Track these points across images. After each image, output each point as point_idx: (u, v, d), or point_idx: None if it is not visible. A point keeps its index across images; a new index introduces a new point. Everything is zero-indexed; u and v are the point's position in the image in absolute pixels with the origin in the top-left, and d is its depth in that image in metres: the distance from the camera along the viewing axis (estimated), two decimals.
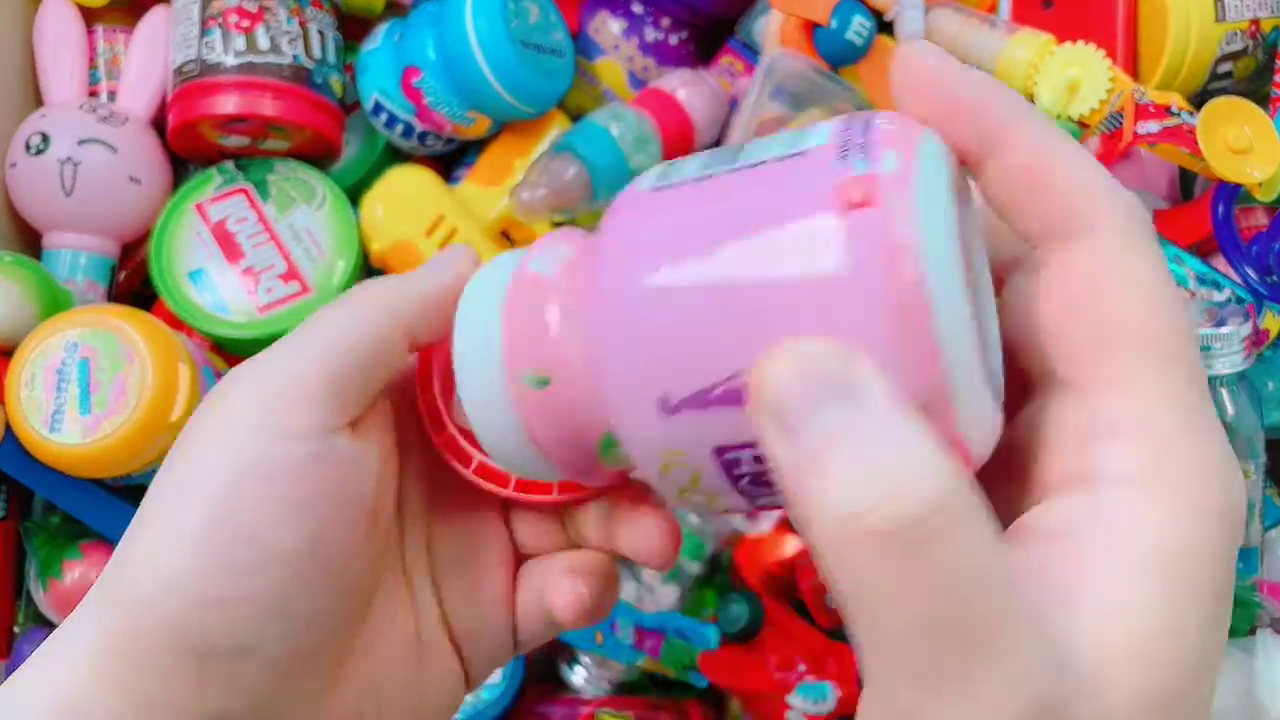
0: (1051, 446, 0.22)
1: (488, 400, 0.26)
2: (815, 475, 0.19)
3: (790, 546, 0.61)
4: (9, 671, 0.60)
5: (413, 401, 0.30)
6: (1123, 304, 0.21)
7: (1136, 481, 0.20)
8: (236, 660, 0.25)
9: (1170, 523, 0.20)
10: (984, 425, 0.21)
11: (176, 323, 0.61)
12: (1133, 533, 0.20)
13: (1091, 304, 0.21)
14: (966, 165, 0.22)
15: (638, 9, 0.67)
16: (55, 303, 0.58)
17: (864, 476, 0.18)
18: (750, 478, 0.23)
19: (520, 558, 0.32)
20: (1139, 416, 0.20)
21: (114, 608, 0.26)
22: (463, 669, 0.31)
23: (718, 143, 0.65)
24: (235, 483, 0.25)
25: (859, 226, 0.19)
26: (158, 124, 0.65)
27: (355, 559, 0.27)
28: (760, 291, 0.20)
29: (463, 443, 0.29)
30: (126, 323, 0.55)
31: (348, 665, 0.28)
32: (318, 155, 0.65)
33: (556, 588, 0.30)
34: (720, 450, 0.22)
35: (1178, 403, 0.20)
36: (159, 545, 0.25)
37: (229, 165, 0.63)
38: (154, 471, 0.27)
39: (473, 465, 0.29)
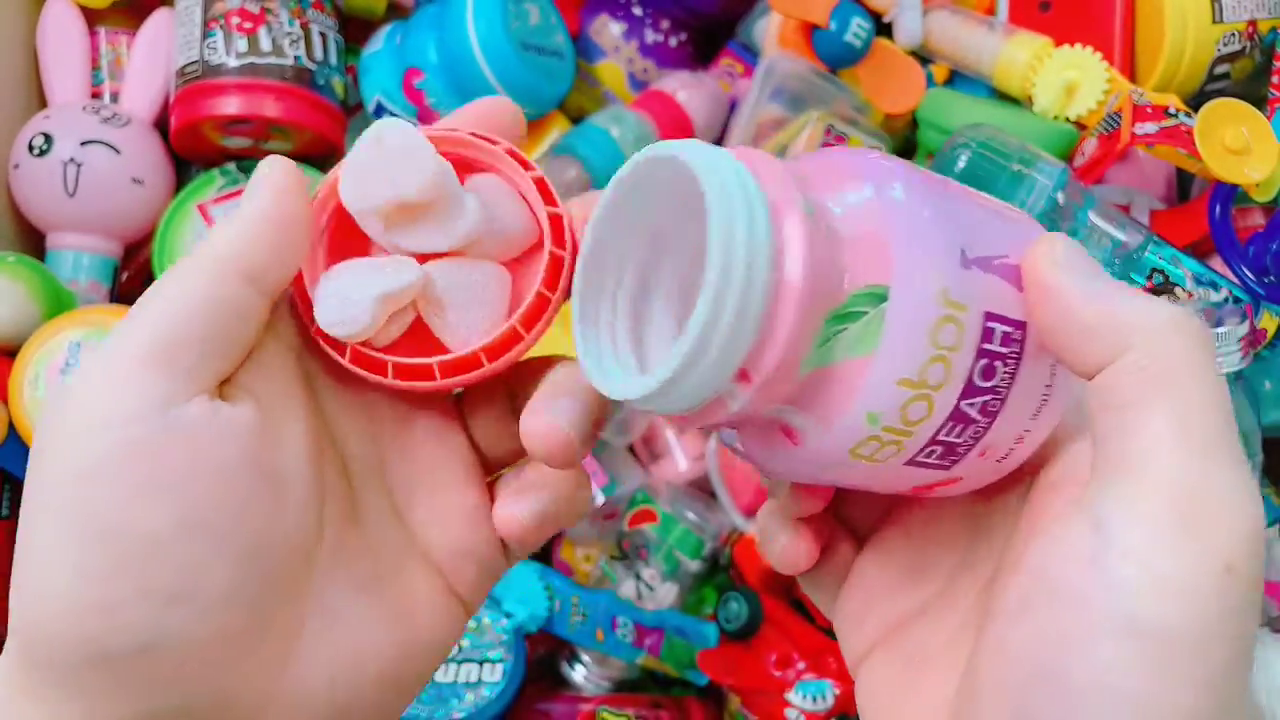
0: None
1: (745, 239, 0.23)
2: (1119, 298, 0.24)
3: None
4: None
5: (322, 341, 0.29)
6: (1147, 434, 0.24)
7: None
8: (144, 658, 0.24)
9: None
10: None
11: None
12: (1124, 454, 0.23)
13: (1120, 435, 0.24)
14: None
15: (638, 11, 0.67)
16: (58, 303, 0.58)
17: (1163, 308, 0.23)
18: (986, 363, 0.25)
19: (491, 466, 0.31)
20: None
21: (16, 635, 0.25)
22: (454, 595, 0.30)
23: (718, 144, 0.65)
24: (85, 478, 0.24)
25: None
26: (160, 125, 0.65)
27: (257, 524, 0.25)
28: (998, 207, 0.26)
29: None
30: None
31: (302, 633, 0.27)
32: (320, 156, 0.65)
33: (500, 509, 0.30)
34: (989, 316, 0.25)
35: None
36: (35, 564, 0.24)
37: (231, 166, 0.64)
38: None
39: (346, 354, 0.28)
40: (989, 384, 0.25)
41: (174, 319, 0.25)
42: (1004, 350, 0.25)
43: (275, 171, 0.27)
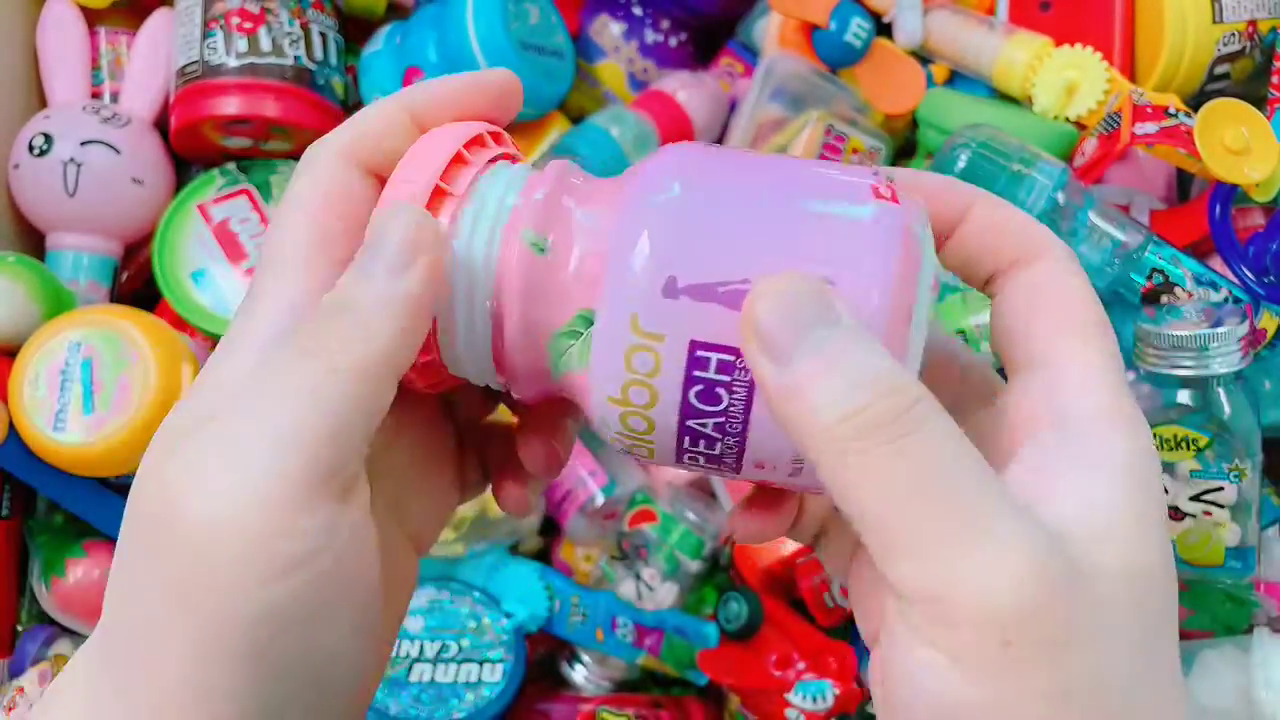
0: (1024, 409, 0.27)
1: (476, 255, 0.26)
2: (808, 389, 0.23)
3: (789, 545, 0.61)
4: (11, 670, 0.60)
5: None
6: (1076, 297, 0.27)
7: (1101, 416, 0.25)
8: None
9: (1129, 444, 0.25)
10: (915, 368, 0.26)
11: (179, 323, 0.61)
12: (1100, 450, 0.25)
13: (1055, 296, 0.28)
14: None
15: (638, 11, 0.67)
16: (58, 303, 0.58)
17: (854, 383, 0.22)
18: (704, 388, 0.25)
19: (460, 425, 0.33)
20: (1095, 376, 0.26)
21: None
22: (413, 546, 0.31)
23: (718, 144, 0.65)
24: (266, 621, 0.23)
25: (885, 210, 0.25)
26: (160, 125, 0.65)
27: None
28: (799, 219, 0.25)
29: None
30: (129, 323, 0.55)
31: None
32: None
33: (506, 492, 0.32)
34: (695, 345, 0.25)
35: (1116, 367, 0.27)
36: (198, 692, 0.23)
37: (231, 167, 0.64)
38: None
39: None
40: (716, 408, 0.25)
41: (336, 435, 0.24)
42: (725, 378, 0.25)
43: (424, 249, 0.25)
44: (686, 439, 0.26)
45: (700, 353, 0.25)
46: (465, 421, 0.33)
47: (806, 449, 0.23)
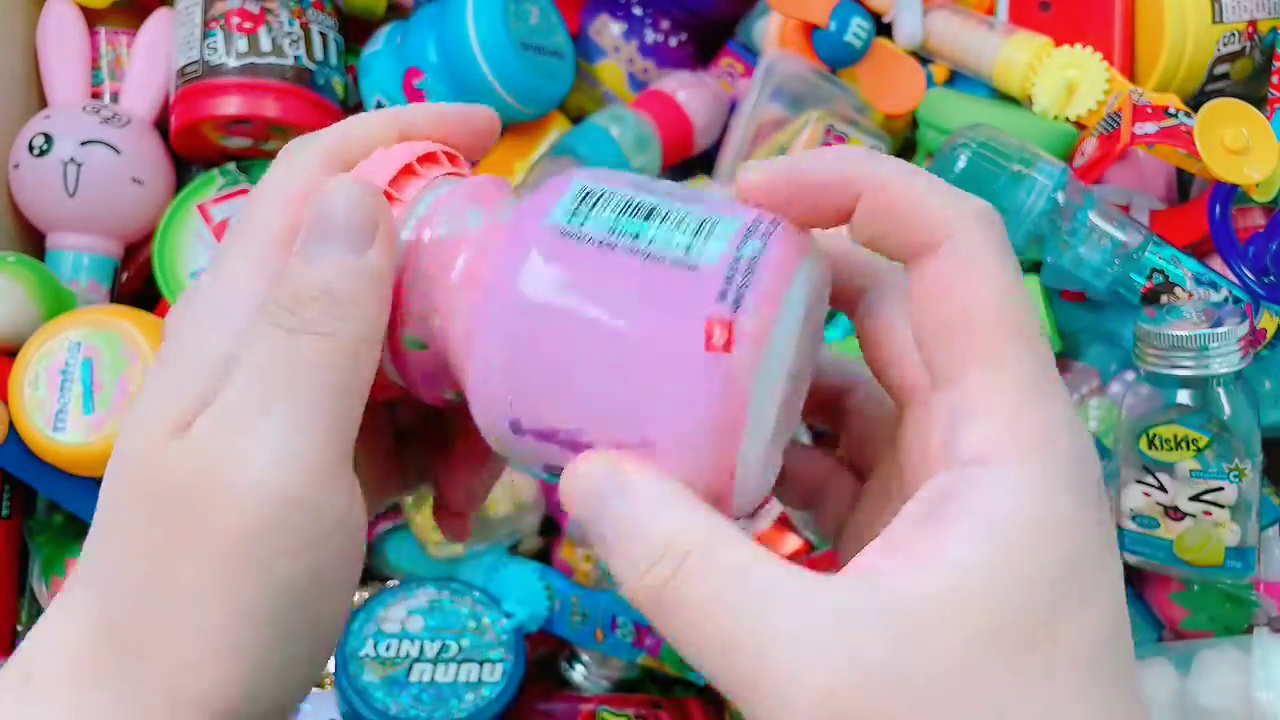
0: (916, 446, 0.25)
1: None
2: (608, 557, 0.24)
3: (788, 544, 0.61)
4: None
5: None
6: (975, 296, 0.24)
7: (989, 458, 0.23)
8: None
9: (1014, 494, 0.22)
10: (754, 493, 0.26)
11: None
12: (983, 504, 0.22)
13: (949, 299, 0.24)
14: (833, 225, 0.26)
15: (638, 11, 0.67)
16: (58, 303, 0.58)
17: (637, 555, 0.24)
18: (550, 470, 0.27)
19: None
20: (991, 395, 0.23)
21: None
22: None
23: (718, 144, 0.65)
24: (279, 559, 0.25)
25: (714, 364, 0.24)
26: (160, 125, 0.65)
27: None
28: (623, 383, 0.25)
29: None
30: (129, 323, 0.55)
31: None
32: None
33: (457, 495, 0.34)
34: (549, 468, 0.27)
35: (1024, 377, 0.23)
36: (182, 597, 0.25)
37: (231, 166, 0.64)
38: None
39: None
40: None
41: (341, 413, 0.26)
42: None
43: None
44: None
45: (549, 467, 0.27)
46: (405, 424, 0.34)
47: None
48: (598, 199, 0.26)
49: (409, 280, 0.27)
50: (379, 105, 0.64)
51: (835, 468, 0.32)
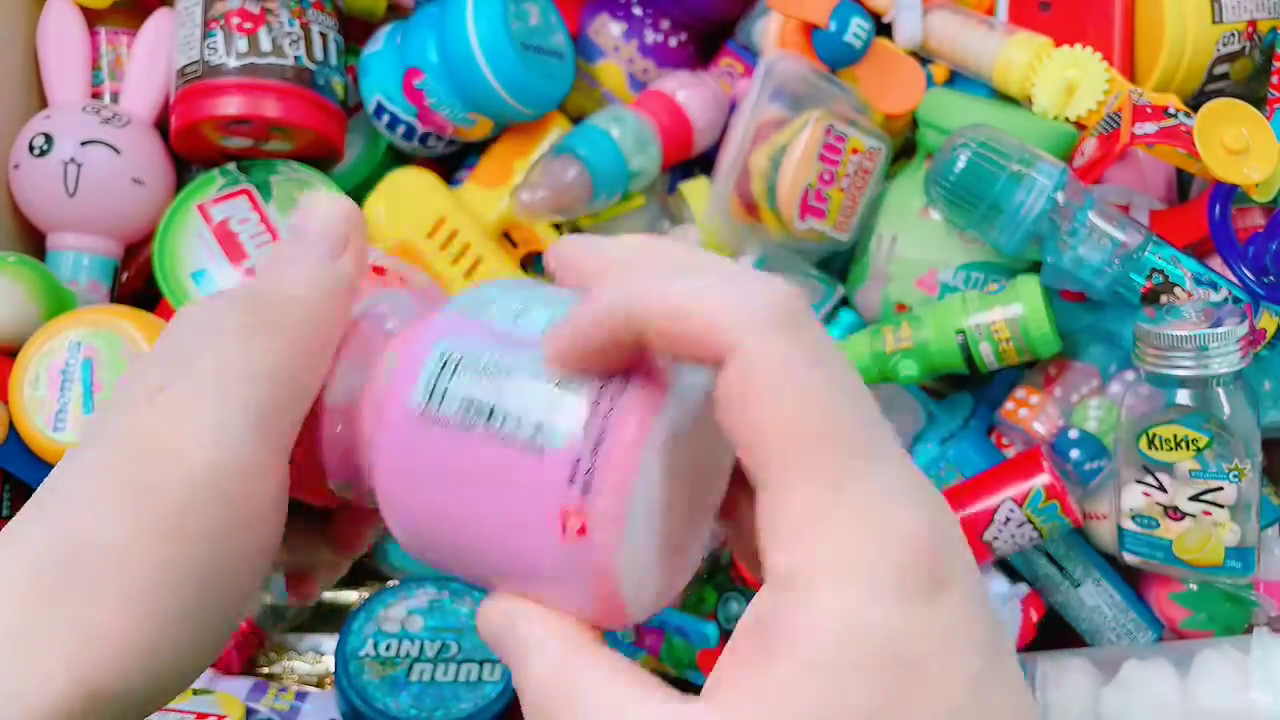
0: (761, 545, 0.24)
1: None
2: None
3: None
4: None
5: None
6: (762, 411, 0.23)
7: (794, 582, 0.23)
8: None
9: (823, 620, 0.22)
10: (656, 601, 0.28)
11: None
12: (797, 634, 0.22)
13: (741, 413, 0.23)
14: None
15: (638, 11, 0.67)
16: (59, 303, 0.58)
17: (524, 688, 0.26)
18: None
19: None
20: (785, 517, 0.23)
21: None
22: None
23: (718, 144, 0.65)
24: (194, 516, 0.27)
25: (575, 551, 0.25)
26: (160, 125, 0.65)
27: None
28: (501, 560, 0.26)
29: None
30: (129, 323, 0.55)
31: None
32: (320, 157, 0.65)
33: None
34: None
35: (822, 488, 0.23)
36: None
37: (231, 167, 0.64)
38: None
39: None
40: None
41: (282, 408, 0.29)
42: None
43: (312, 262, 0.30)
44: None
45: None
46: None
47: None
48: (457, 365, 0.27)
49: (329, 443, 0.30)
50: (379, 105, 0.64)
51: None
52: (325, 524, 0.35)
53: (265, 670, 0.66)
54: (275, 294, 0.29)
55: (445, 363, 0.27)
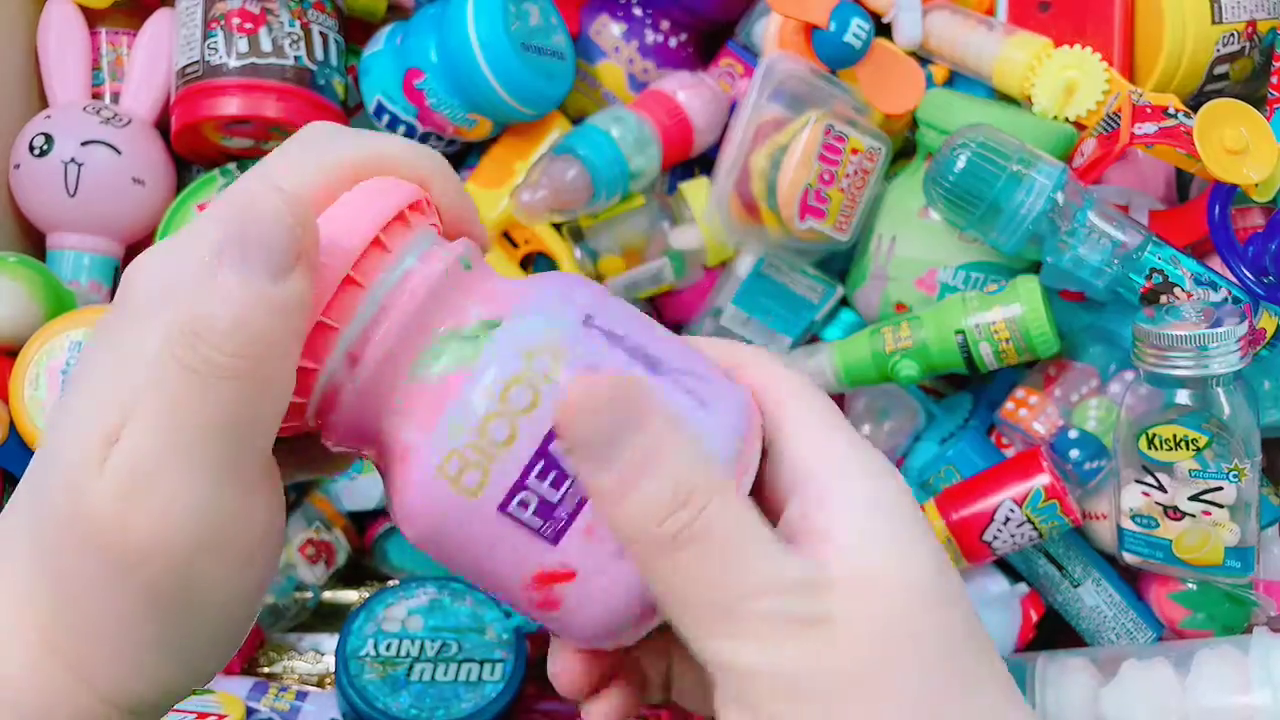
0: (779, 477, 0.29)
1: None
2: (626, 496, 0.25)
3: None
4: None
5: None
6: (782, 390, 0.30)
7: (831, 472, 0.28)
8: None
9: (862, 486, 0.28)
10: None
11: None
12: (839, 498, 0.28)
13: (789, 454, 0.29)
14: None
15: (638, 12, 0.68)
16: (59, 303, 0.58)
17: (670, 492, 0.25)
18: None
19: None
20: (819, 441, 0.29)
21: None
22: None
23: (718, 145, 0.65)
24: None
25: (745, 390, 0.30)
26: (161, 126, 0.65)
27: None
28: (695, 352, 0.29)
29: None
30: None
31: None
32: None
33: None
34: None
35: (824, 428, 0.29)
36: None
37: (232, 167, 0.64)
38: None
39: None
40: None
41: (234, 439, 0.26)
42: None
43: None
44: (539, 464, 0.26)
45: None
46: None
47: (628, 545, 0.26)
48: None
49: (379, 329, 0.27)
50: (379, 106, 0.64)
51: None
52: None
53: (265, 670, 0.66)
54: (214, 331, 0.24)
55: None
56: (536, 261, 0.67)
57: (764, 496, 0.29)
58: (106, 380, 0.26)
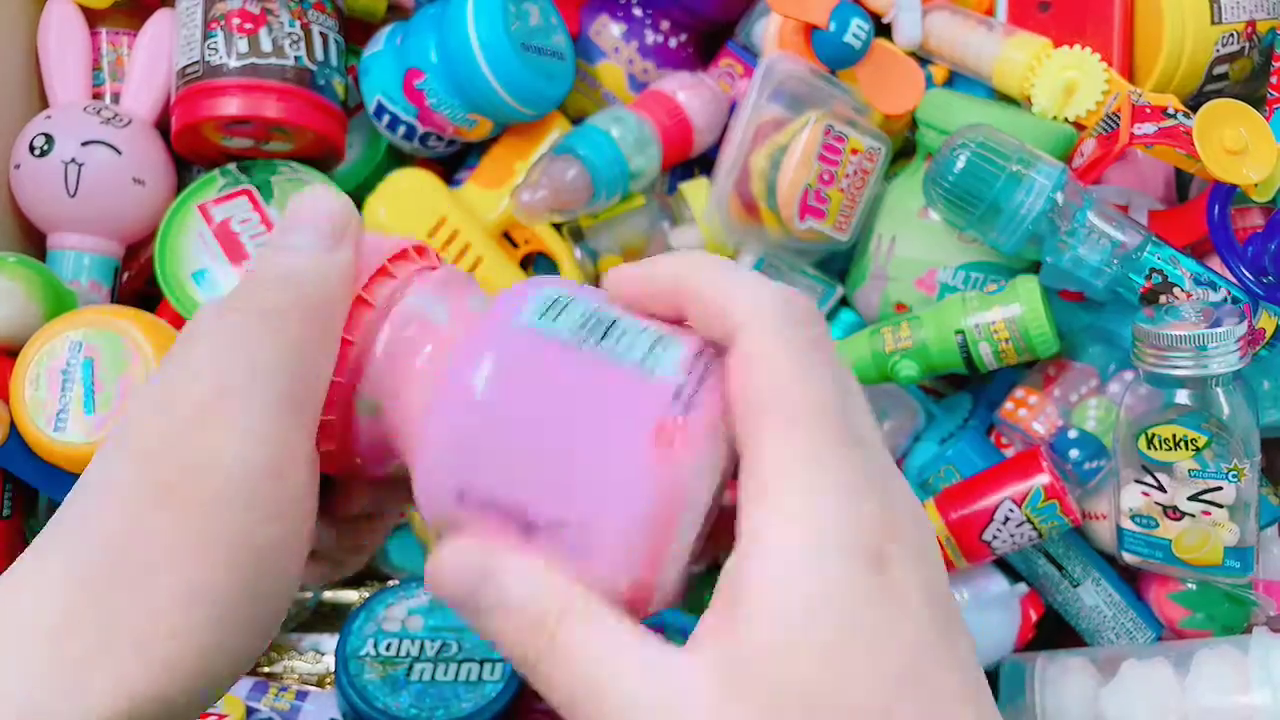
0: (739, 501, 0.27)
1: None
2: (487, 634, 0.28)
3: None
4: None
5: None
6: (753, 383, 0.26)
7: (760, 536, 0.25)
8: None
9: (782, 571, 0.25)
10: (672, 593, 0.29)
11: (180, 323, 0.61)
12: (760, 585, 0.25)
13: (736, 384, 0.27)
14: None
15: (638, 12, 0.68)
16: (59, 303, 0.58)
17: (511, 627, 0.27)
18: None
19: None
20: (762, 479, 0.26)
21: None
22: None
23: (718, 145, 0.65)
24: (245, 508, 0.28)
25: (661, 460, 0.27)
26: (161, 126, 0.65)
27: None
28: (574, 469, 0.27)
29: None
30: (130, 323, 0.56)
31: None
32: (321, 157, 0.65)
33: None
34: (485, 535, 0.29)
35: (791, 456, 0.26)
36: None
37: (232, 167, 0.64)
38: None
39: None
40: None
41: (307, 400, 0.29)
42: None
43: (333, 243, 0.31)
44: None
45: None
46: None
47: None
48: (565, 307, 0.29)
49: (375, 354, 0.30)
50: (380, 106, 0.64)
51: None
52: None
53: (265, 669, 0.66)
54: (276, 280, 0.29)
55: (555, 300, 0.29)
56: (536, 261, 0.67)
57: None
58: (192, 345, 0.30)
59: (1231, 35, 0.58)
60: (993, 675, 0.60)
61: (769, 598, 0.24)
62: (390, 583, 0.64)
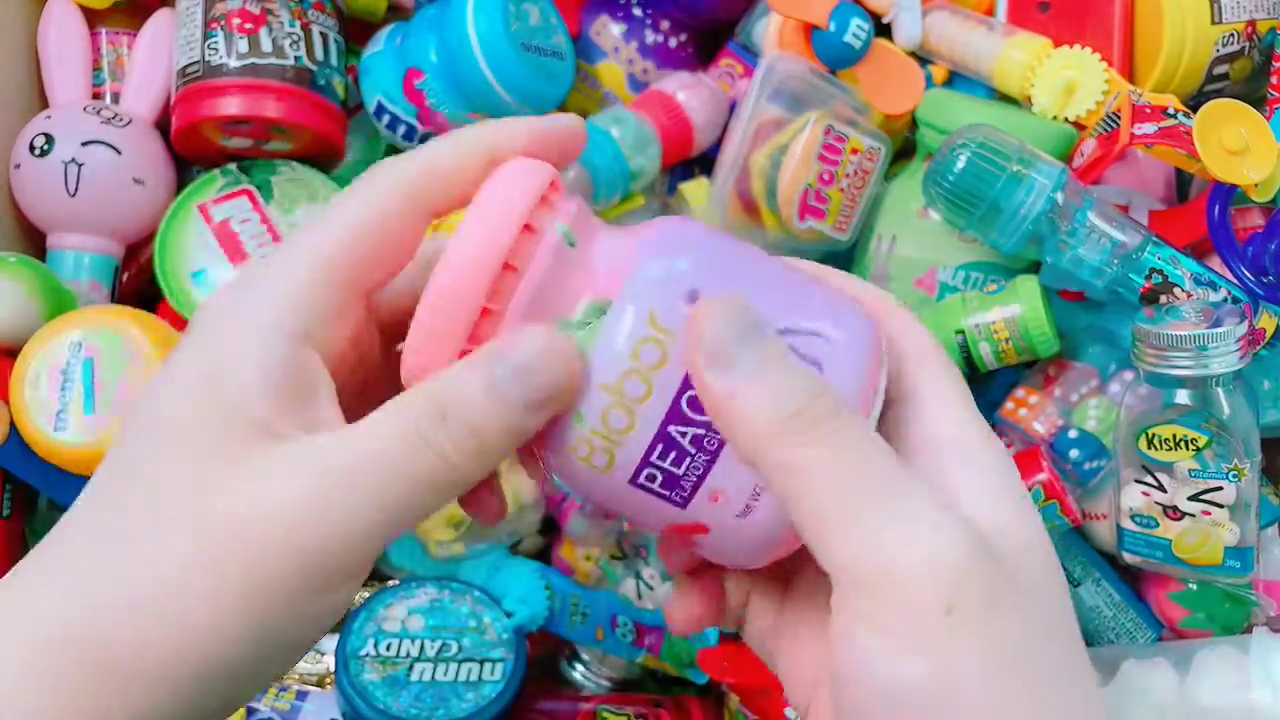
0: (903, 435, 0.30)
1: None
2: (748, 394, 0.26)
3: None
4: None
5: None
6: (923, 350, 0.31)
7: (969, 438, 0.29)
8: None
9: (993, 458, 0.29)
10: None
11: (180, 323, 0.61)
12: (973, 464, 0.28)
13: (906, 351, 0.31)
14: None
15: (638, 12, 0.68)
16: (59, 303, 0.58)
17: (788, 388, 0.26)
18: (695, 397, 0.28)
19: None
20: (954, 408, 0.30)
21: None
22: None
23: (718, 145, 0.65)
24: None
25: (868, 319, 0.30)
26: (161, 126, 0.65)
27: None
28: (806, 284, 0.30)
29: None
30: (130, 323, 0.55)
31: None
32: (321, 157, 0.65)
33: None
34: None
35: (964, 399, 0.30)
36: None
37: (232, 167, 0.64)
38: None
39: None
40: (700, 418, 0.27)
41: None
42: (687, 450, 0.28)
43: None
44: (660, 446, 0.28)
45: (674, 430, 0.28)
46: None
47: (752, 450, 0.26)
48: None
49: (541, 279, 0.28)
50: (380, 106, 0.64)
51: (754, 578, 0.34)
52: None
53: None
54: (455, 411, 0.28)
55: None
56: None
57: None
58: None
59: (1232, 35, 0.58)
60: None
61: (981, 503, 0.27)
62: (390, 583, 0.64)
